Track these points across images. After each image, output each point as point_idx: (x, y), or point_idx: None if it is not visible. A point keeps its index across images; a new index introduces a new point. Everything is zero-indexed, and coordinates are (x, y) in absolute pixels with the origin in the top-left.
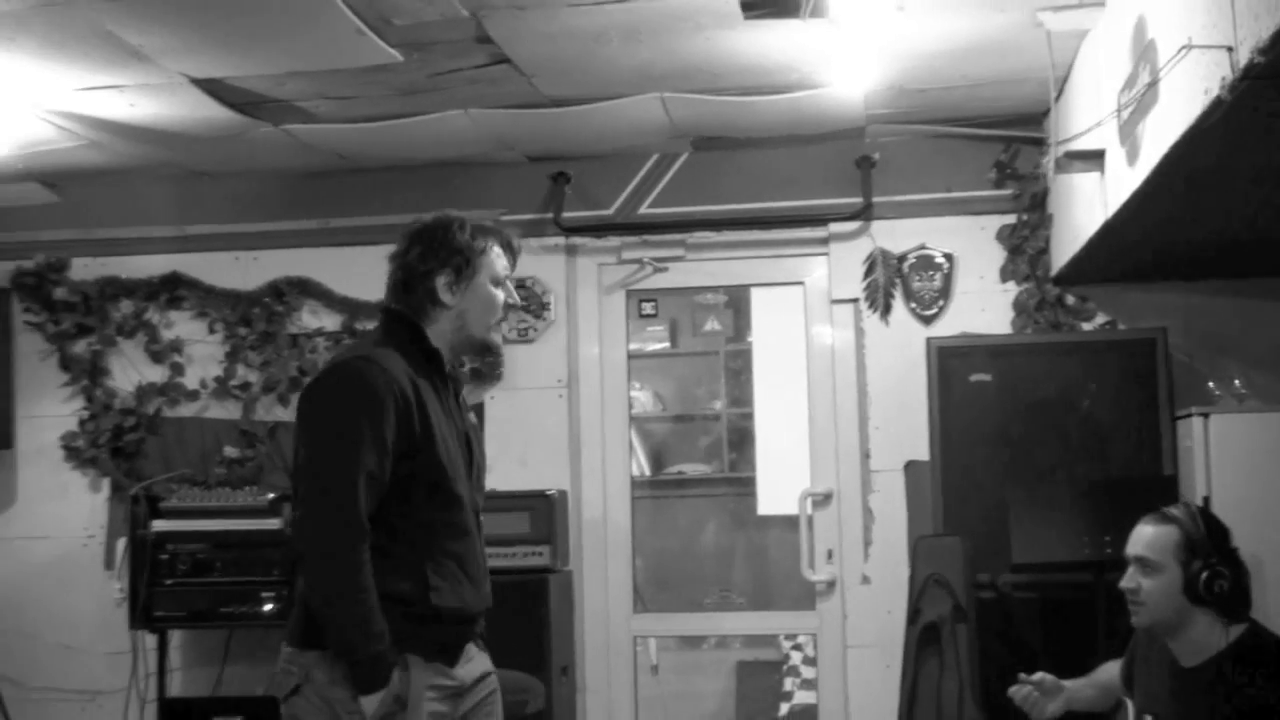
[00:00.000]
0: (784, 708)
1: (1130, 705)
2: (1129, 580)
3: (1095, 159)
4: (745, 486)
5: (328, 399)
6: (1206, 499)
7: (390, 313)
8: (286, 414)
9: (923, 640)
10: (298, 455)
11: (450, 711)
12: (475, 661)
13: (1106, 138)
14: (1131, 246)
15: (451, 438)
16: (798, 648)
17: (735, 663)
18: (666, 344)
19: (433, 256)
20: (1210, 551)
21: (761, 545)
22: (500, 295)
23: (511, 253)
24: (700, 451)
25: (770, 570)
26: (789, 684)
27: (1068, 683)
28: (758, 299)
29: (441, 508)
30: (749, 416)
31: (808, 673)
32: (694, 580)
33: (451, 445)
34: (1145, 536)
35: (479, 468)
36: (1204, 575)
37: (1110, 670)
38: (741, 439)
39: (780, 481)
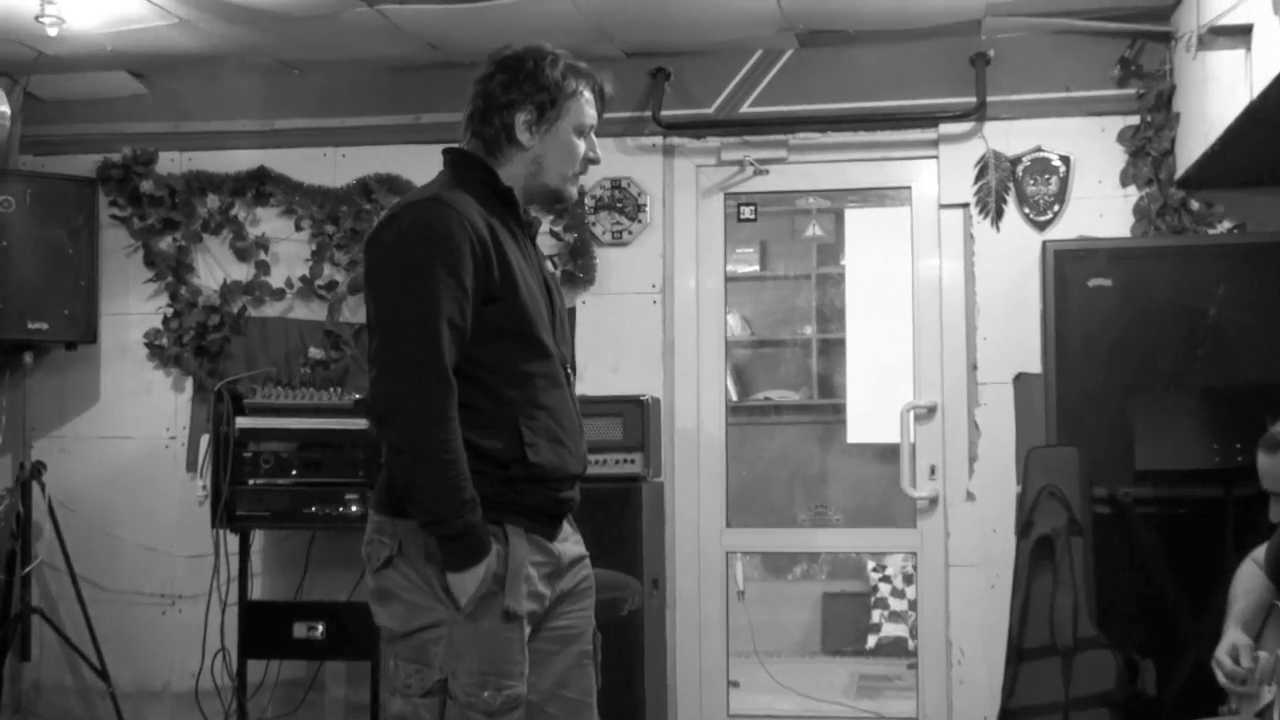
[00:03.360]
0: (871, 640)
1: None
2: (1275, 513)
3: (1242, 34)
4: (835, 414)
5: (398, 244)
6: None
7: (456, 153)
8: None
9: (1035, 554)
10: (369, 311)
11: (549, 593)
12: (571, 541)
13: (1254, 12)
14: (1270, 140)
15: (534, 283)
16: (886, 579)
17: (821, 594)
18: (756, 267)
19: (516, 88)
20: None
21: (854, 470)
22: (582, 146)
23: (603, 102)
24: (788, 377)
25: (865, 493)
26: (876, 615)
27: (1243, 638)
28: (852, 220)
29: (529, 358)
30: (840, 343)
31: (896, 604)
32: (785, 503)
33: (535, 291)
34: (1268, 470)
35: (561, 318)
36: None
37: (1249, 581)
38: (830, 365)
39: (871, 408)
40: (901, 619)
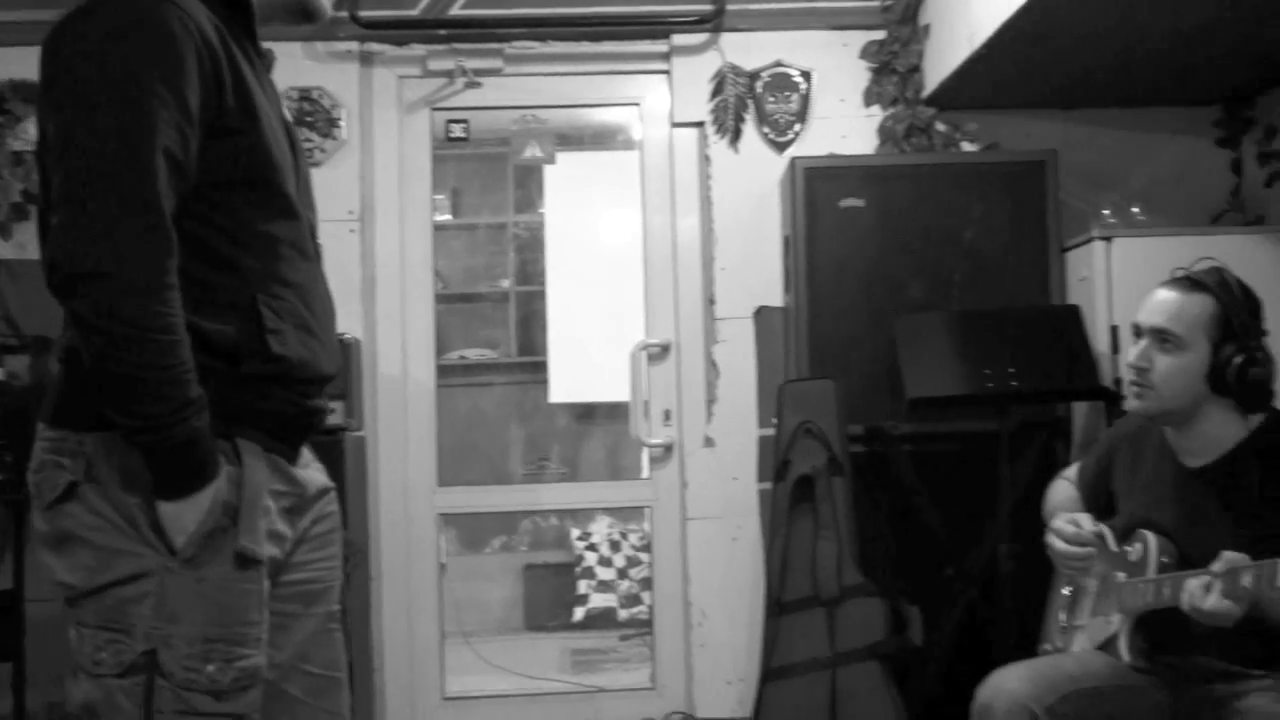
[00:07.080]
0: (579, 612)
1: (1098, 523)
2: (1140, 358)
3: None
4: (535, 372)
5: (94, 42)
6: (1114, 329)
7: None
8: (7, 249)
9: (795, 497)
10: (45, 136)
11: (290, 533)
12: (314, 467)
13: None
14: (1031, 53)
15: (276, 122)
16: (592, 548)
17: (522, 566)
18: (448, 216)
19: None
20: (1248, 330)
21: (572, 427)
22: None
23: None
24: (484, 335)
25: (590, 446)
26: (583, 586)
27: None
28: (563, 162)
29: (271, 216)
30: (540, 296)
31: (603, 574)
32: (499, 461)
33: (278, 131)
34: (1169, 305)
35: (305, 176)
36: (1237, 360)
37: (1061, 497)
38: (529, 320)
39: (577, 366)
40: (610, 589)
